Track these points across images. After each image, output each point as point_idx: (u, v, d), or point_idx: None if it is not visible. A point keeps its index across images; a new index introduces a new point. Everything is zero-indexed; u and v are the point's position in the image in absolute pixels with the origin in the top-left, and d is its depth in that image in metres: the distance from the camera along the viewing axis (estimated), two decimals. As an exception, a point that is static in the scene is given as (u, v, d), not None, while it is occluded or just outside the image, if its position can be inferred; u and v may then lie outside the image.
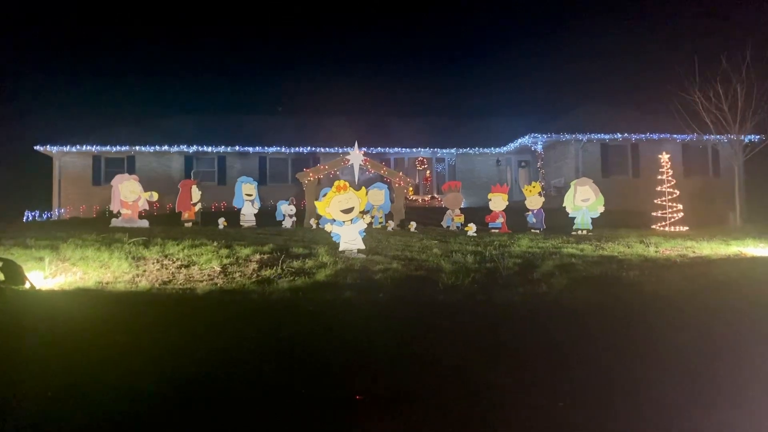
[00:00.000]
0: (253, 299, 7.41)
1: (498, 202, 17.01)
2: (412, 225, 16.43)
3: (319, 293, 7.66)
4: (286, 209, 17.31)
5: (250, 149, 29.10)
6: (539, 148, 28.30)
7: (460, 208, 18.00)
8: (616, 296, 7.57)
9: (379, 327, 6.23)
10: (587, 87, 53.73)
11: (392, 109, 51.99)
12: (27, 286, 7.73)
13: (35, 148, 28.65)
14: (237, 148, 28.86)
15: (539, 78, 69.64)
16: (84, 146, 28.11)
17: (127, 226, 14.73)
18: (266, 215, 18.29)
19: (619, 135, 26.94)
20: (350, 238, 10.36)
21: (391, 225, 16.97)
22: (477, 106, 61.81)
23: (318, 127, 31.50)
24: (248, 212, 17.00)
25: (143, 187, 15.53)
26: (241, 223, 16.74)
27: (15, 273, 7.70)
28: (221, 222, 15.94)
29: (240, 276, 8.67)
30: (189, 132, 29.94)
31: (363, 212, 17.95)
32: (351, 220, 10.36)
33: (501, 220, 16.88)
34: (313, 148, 29.23)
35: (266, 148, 29.16)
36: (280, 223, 17.38)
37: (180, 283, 8.32)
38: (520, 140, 28.24)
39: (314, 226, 14.99)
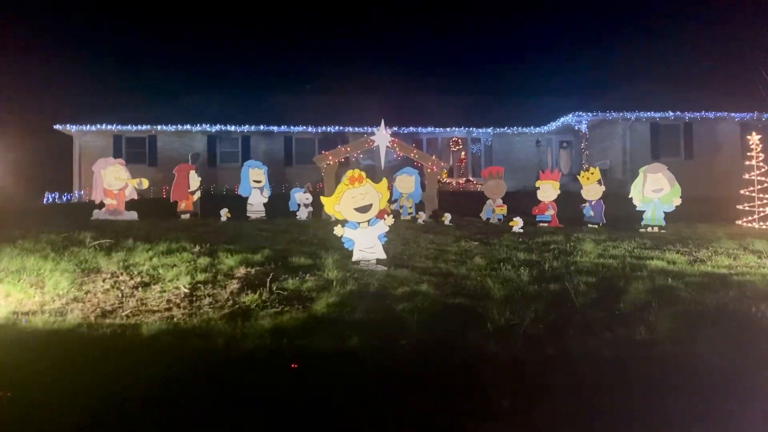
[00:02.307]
0: (216, 350, 5.04)
1: (548, 191, 14.38)
2: (447, 217, 13.95)
3: (313, 338, 5.25)
4: (300, 198, 14.94)
5: (275, 128, 27.46)
6: (583, 127, 25.53)
7: (503, 198, 15.40)
8: (761, 354, 4.97)
9: (396, 414, 3.82)
10: (635, 62, 49.84)
11: (425, 86, 49.09)
12: None
13: (55, 127, 27.57)
14: (261, 127, 27.33)
15: (582, 53, 65.53)
16: (104, 125, 27.15)
17: (112, 218, 12.59)
18: (283, 203, 15.84)
19: (671, 113, 24.20)
20: (367, 244, 7.92)
21: (422, 216, 14.52)
22: (515, 82, 58.35)
23: (347, 106, 29.25)
24: (256, 201, 14.67)
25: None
26: (248, 215, 14.45)
27: None
28: (224, 213, 13.68)
29: (210, 304, 6.32)
30: (212, 111, 28.50)
31: (390, 201, 15.70)
32: (368, 221, 7.91)
33: (551, 212, 14.26)
34: (342, 128, 27.20)
35: (292, 127, 27.42)
36: (294, 214, 15.04)
37: (126, 314, 6.01)
38: (562, 119, 25.61)
39: (333, 218, 12.58)
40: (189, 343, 5.18)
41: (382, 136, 15.31)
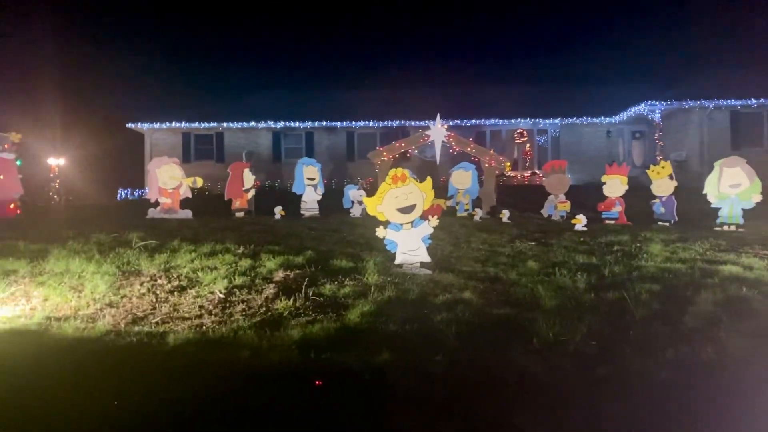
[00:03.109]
0: (238, 363, 4.79)
1: (614, 186, 13.50)
2: (505, 214, 13.34)
3: (342, 353, 4.91)
4: (354, 195, 14.69)
5: (338, 124, 27.58)
6: (656, 117, 24.13)
7: (566, 193, 14.60)
8: None
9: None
10: (713, 46, 46.73)
11: (489, 76, 47.99)
12: (-51, 324, 5.59)
13: (127, 125, 28.67)
14: (324, 123, 27.49)
15: (655, 37, 62.28)
16: (173, 123, 28.03)
17: (167, 217, 12.72)
18: (338, 200, 15.60)
19: (753, 101, 22.41)
20: (410, 247, 7.52)
21: (479, 213, 13.95)
22: (584, 70, 56.05)
23: (409, 99, 28.91)
24: (310, 199, 14.53)
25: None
26: (301, 212, 14.33)
27: (-72, 308, 5.56)
28: (277, 211, 13.59)
29: (243, 311, 6.10)
30: (276, 108, 28.90)
31: (447, 198, 15.22)
32: (411, 222, 7.51)
33: (618, 208, 13.39)
34: (403, 122, 26.94)
35: (354, 122, 27.39)
36: (348, 211, 14.80)
37: (157, 321, 5.87)
38: (633, 108, 24.31)
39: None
40: (212, 356, 4.95)
41: (437, 131, 14.82)
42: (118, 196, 28.45)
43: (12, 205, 13.37)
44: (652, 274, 7.28)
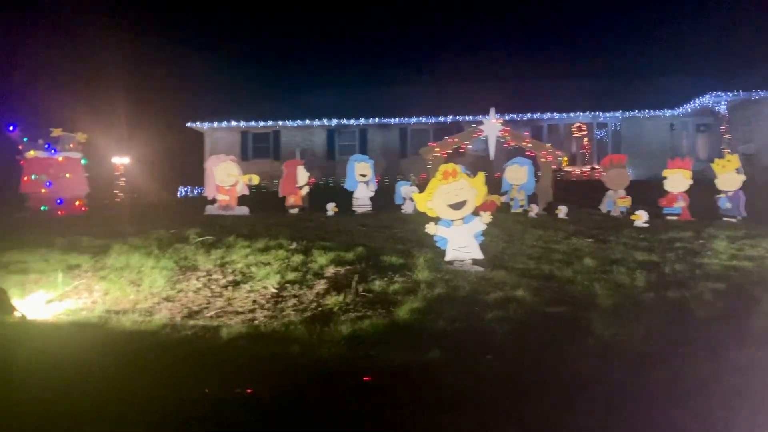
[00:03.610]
0: (288, 358, 4.82)
1: (677, 180, 12.96)
2: (561, 210, 12.99)
3: (390, 350, 4.88)
4: (406, 191, 14.60)
5: (391, 121, 27.57)
6: (723, 108, 23.00)
7: (626, 189, 14.11)
8: None
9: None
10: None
11: (546, 69, 46.86)
12: (17, 315, 5.87)
13: (187, 124, 29.44)
14: (377, 120, 27.48)
15: (721, 26, 59.49)
16: (232, 122, 28.61)
17: (224, 213, 13.00)
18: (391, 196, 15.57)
19: (831, 90, 21.01)
20: (461, 243, 7.41)
21: (534, 210, 13.64)
22: (645, 62, 54.11)
23: (462, 94, 28.56)
24: (362, 195, 14.55)
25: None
26: (353, 208, 14.37)
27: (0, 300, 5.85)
28: (330, 208, 13.68)
29: (294, 306, 6.16)
30: (331, 106, 29.14)
31: (501, 194, 14.97)
32: (463, 218, 7.40)
33: (681, 204, 12.84)
34: (457, 117, 26.65)
35: (407, 119, 27.33)
36: (399, 207, 14.76)
37: (212, 315, 6.00)
38: (698, 100, 23.25)
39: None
40: (263, 350, 5.01)
41: (491, 125, 14.59)
42: (179, 193, 29.30)
43: (78, 203, 13.97)
44: (716, 272, 6.95)
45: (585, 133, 27.30)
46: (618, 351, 4.76)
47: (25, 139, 13.36)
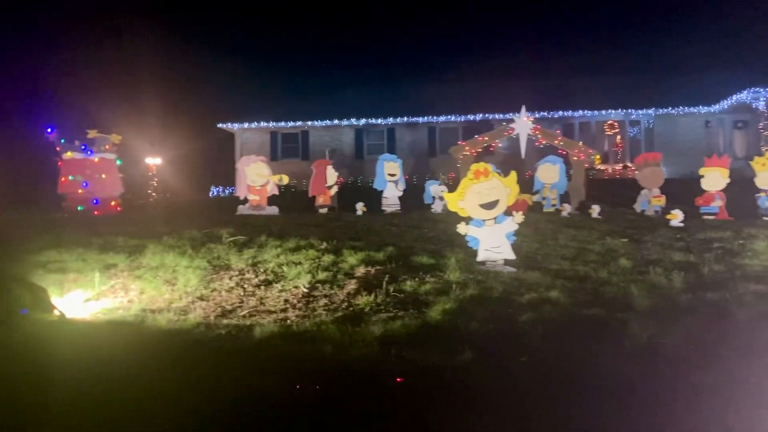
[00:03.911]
0: (320, 357, 4.83)
1: (714, 179, 12.64)
2: (595, 209, 12.78)
3: (422, 351, 4.85)
4: (435, 190, 14.53)
5: (420, 119, 27.49)
6: (761, 104, 22.43)
7: (660, 187, 13.81)
8: None
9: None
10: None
11: (577, 67, 46.18)
12: (57, 313, 6.00)
13: (218, 125, 29.80)
14: (406, 119, 27.48)
15: (759, 19, 57.80)
16: (261, 123, 28.83)
17: (255, 213, 13.11)
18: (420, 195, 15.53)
19: None
20: (493, 243, 7.34)
21: (567, 209, 13.45)
22: (679, 58, 52.94)
23: (492, 91, 28.30)
24: (391, 195, 14.52)
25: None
26: (382, 208, 14.35)
27: (40, 299, 6.00)
28: (359, 207, 13.69)
29: (325, 305, 6.17)
30: (359, 105, 29.18)
31: (533, 193, 14.81)
32: (495, 218, 7.32)
33: (719, 203, 12.51)
34: (486, 115, 26.43)
35: (435, 117, 27.22)
36: (429, 206, 14.70)
37: (244, 315, 6.05)
38: (735, 96, 22.70)
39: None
40: (296, 349, 5.04)
41: (522, 124, 14.43)
42: (211, 193, 29.68)
43: (114, 203, 14.23)
44: (757, 273, 6.76)
45: (617, 130, 26.85)
46: (656, 354, 4.66)
47: (62, 141, 13.65)
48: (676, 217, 11.19)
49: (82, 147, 13.72)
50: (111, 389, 4.17)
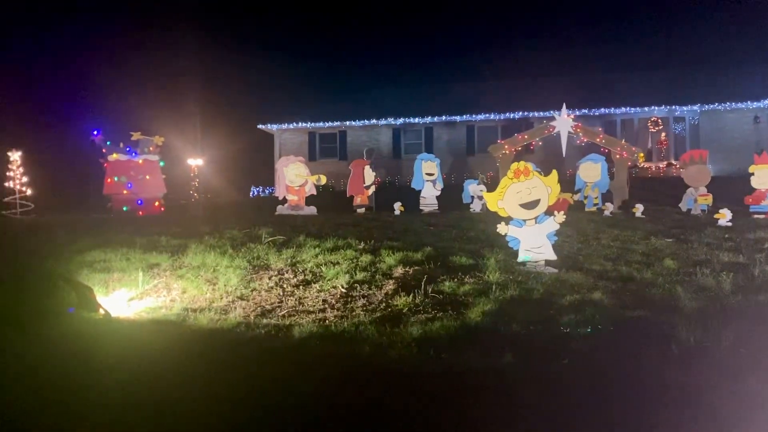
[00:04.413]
0: (358, 358, 4.83)
1: (765, 176, 12.20)
2: (638, 208, 12.48)
3: (461, 353, 4.80)
4: (474, 189, 14.41)
5: (458, 118, 27.31)
6: (814, 99, 21.49)
7: (707, 186, 13.39)
8: None
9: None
10: None
11: (619, 62, 45.19)
12: (102, 312, 6.14)
13: (258, 126, 30.21)
14: (444, 117, 27.38)
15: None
16: (300, 123, 29.09)
17: (294, 213, 13.22)
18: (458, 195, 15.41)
19: None
20: (534, 244, 7.21)
21: (609, 208, 13.17)
22: (726, 51, 51.33)
23: (531, 89, 27.95)
24: (429, 194, 14.45)
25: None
26: (420, 207, 14.30)
27: (86, 298, 6.15)
28: (397, 207, 13.66)
29: (363, 306, 6.17)
30: (396, 104, 29.21)
31: (574, 192, 14.54)
32: (535, 218, 7.20)
33: (769, 202, 12.07)
34: (526, 113, 26.10)
35: (474, 116, 27.00)
36: (467, 206, 14.58)
37: (284, 314, 6.09)
38: (786, 90, 21.79)
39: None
40: (334, 350, 5.04)
41: (563, 121, 14.18)
42: (251, 193, 30.10)
43: (157, 203, 14.54)
44: (813, 275, 6.47)
45: (661, 127, 26.17)
46: (704, 358, 4.50)
47: (108, 143, 14.02)
48: (724, 217, 10.84)
49: (127, 149, 14.07)
50: (155, 387, 4.25)
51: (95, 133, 14.02)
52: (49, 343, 5.20)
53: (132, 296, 6.69)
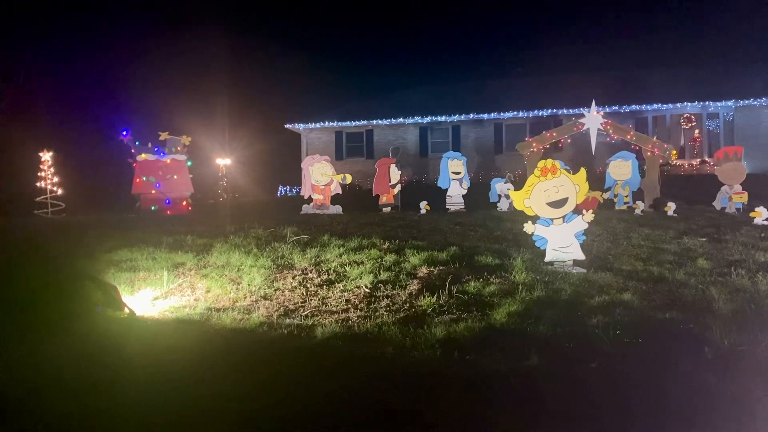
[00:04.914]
0: (381, 359, 4.76)
1: (804, 173, 11.78)
2: (670, 207, 12.19)
3: (486, 355, 4.69)
4: (501, 188, 14.26)
5: (485, 116, 27.10)
6: None
7: (742, 183, 13.02)
8: None
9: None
10: None
11: (650, 58, 44.33)
12: (127, 311, 6.19)
13: (285, 126, 30.41)
14: (471, 115, 27.22)
15: None
16: (326, 122, 29.20)
17: (319, 212, 13.23)
18: (485, 194, 15.27)
19: None
20: (562, 243, 7.06)
21: (640, 207, 12.90)
22: (760, 45, 49.97)
23: (560, 86, 27.61)
24: (455, 193, 14.32)
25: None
26: (447, 206, 14.19)
27: (111, 297, 6.20)
28: (423, 206, 13.57)
29: (387, 306, 6.09)
30: (423, 103, 29.16)
31: (604, 190, 14.27)
32: (563, 217, 7.05)
33: (809, 199, 11.67)
34: (555, 110, 25.77)
35: (502, 113, 26.77)
36: (494, 205, 14.42)
37: (307, 314, 6.05)
38: (825, 84, 21.08)
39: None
40: (357, 350, 4.98)
41: (592, 118, 13.92)
42: (278, 192, 30.28)
43: (185, 203, 14.68)
44: None
45: (694, 124, 25.59)
46: (741, 361, 4.33)
47: (137, 143, 14.21)
48: (760, 215, 10.53)
49: (155, 149, 14.24)
50: (176, 386, 4.24)
51: (124, 133, 14.22)
52: (77, 342, 5.25)
53: (157, 295, 6.72)
